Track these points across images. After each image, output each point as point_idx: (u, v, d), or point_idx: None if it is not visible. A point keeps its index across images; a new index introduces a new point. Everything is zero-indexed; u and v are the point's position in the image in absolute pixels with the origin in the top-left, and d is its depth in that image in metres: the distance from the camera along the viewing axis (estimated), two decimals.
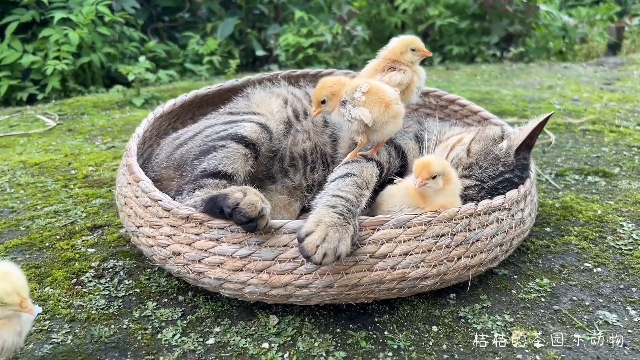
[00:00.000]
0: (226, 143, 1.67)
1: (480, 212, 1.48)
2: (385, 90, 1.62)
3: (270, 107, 1.93)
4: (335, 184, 1.51)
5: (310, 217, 1.36)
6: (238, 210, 1.33)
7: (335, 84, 1.68)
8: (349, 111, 1.59)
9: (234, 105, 2.04)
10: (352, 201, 1.43)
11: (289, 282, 1.36)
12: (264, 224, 1.35)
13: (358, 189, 1.49)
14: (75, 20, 4.35)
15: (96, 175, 2.51)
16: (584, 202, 2.11)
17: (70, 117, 3.63)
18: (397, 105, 1.62)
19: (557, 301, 1.55)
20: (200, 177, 1.61)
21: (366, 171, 1.58)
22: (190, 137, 1.80)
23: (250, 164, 1.69)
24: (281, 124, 1.89)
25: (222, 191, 1.43)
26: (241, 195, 1.36)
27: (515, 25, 5.96)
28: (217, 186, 1.58)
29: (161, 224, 1.49)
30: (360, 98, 1.59)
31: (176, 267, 1.47)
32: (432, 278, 1.43)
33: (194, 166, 1.65)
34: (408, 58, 1.83)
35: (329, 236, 1.29)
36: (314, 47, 4.89)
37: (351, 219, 1.36)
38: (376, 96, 1.59)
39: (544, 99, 3.76)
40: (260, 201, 1.35)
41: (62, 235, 1.94)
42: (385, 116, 1.59)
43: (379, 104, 1.58)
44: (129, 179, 1.63)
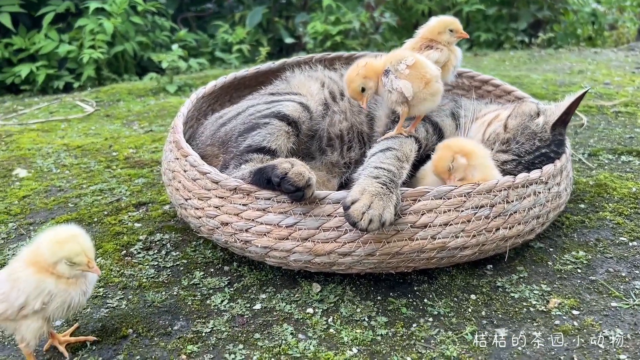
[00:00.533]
0: (269, 120, 1.74)
1: (518, 185, 1.52)
2: (428, 67, 1.66)
3: (309, 89, 1.99)
4: (377, 157, 1.56)
5: (354, 187, 1.41)
6: (286, 180, 1.39)
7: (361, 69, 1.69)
8: (391, 81, 1.64)
9: (274, 87, 2.10)
10: (394, 172, 1.47)
11: (333, 250, 1.42)
12: (310, 194, 1.40)
13: (398, 161, 1.54)
14: (109, 10, 4.46)
15: (136, 156, 2.60)
16: (618, 180, 2.12)
17: (106, 104, 3.73)
18: (437, 83, 1.65)
19: (593, 272, 1.58)
20: (246, 152, 1.67)
21: (405, 146, 1.63)
22: (233, 116, 1.87)
23: (292, 141, 1.75)
24: (320, 105, 1.94)
25: (270, 162, 1.50)
26: (289, 166, 1.41)
27: (544, 11, 5.90)
28: (262, 161, 1.64)
29: (210, 196, 1.55)
30: (404, 71, 1.63)
31: (224, 236, 1.54)
32: (471, 248, 1.47)
33: (238, 142, 1.72)
34: (445, 38, 1.86)
35: (374, 204, 1.34)
36: (341, 35, 4.93)
37: (394, 189, 1.41)
38: (419, 72, 1.63)
39: (575, 83, 3.74)
40: (307, 171, 1.40)
41: (109, 212, 2.03)
42: (424, 93, 1.63)
43: (419, 80, 1.62)
44: (177, 154, 1.71)
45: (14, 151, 2.70)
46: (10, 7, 4.52)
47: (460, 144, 1.61)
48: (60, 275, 1.22)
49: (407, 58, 1.65)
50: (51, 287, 1.22)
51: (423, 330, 1.37)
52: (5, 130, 3.06)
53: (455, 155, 1.55)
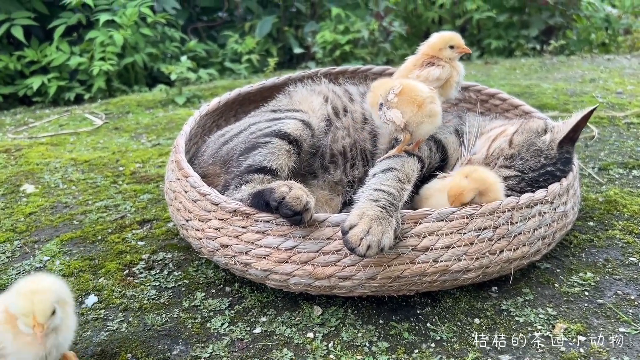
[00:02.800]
0: (270, 139, 1.73)
1: (522, 205, 1.49)
2: (418, 90, 1.62)
3: (311, 105, 1.97)
4: (377, 179, 1.54)
5: (353, 211, 1.40)
6: (284, 204, 1.37)
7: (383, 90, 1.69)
8: (384, 113, 1.63)
9: (276, 103, 2.09)
10: (394, 195, 1.45)
11: (333, 274, 1.40)
12: (308, 217, 1.39)
13: (400, 183, 1.52)
14: (119, 22, 4.49)
15: (143, 171, 2.60)
16: (628, 196, 2.07)
17: (115, 116, 3.75)
18: (432, 104, 1.61)
19: (601, 295, 1.54)
20: (246, 173, 1.66)
21: (407, 166, 1.61)
22: (235, 135, 1.86)
23: (293, 160, 1.74)
24: (322, 121, 1.92)
25: (268, 186, 1.48)
26: (287, 190, 1.40)
27: (556, 18, 5.83)
28: (262, 181, 1.63)
29: (209, 218, 1.55)
30: (393, 100, 1.61)
31: (224, 258, 1.53)
32: (474, 271, 1.45)
33: (239, 162, 1.71)
34: (447, 54, 1.85)
35: (373, 229, 1.32)
36: (350, 44, 4.91)
37: (393, 212, 1.39)
38: (408, 96, 1.60)
39: (586, 92, 3.68)
40: (305, 195, 1.39)
41: (114, 229, 2.03)
42: (419, 116, 1.60)
43: (411, 104, 1.59)
44: (178, 175, 1.70)
45: (22, 166, 2.72)
46: (23, 20, 4.57)
47: (482, 177, 1.53)
48: (20, 331, 1.11)
49: (394, 87, 1.63)
50: (8, 342, 1.11)
51: (425, 356, 1.34)
52: (15, 145, 3.08)
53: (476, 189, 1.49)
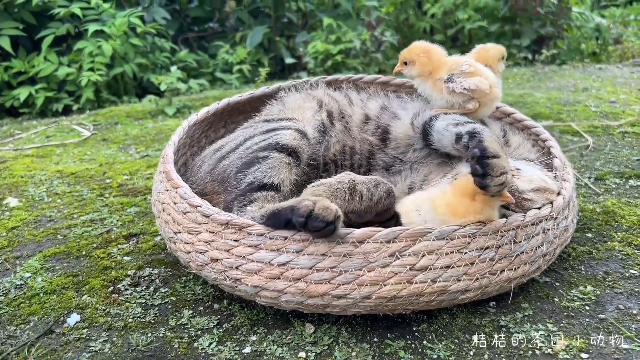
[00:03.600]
0: (269, 154, 1.67)
1: (527, 224, 1.44)
2: (486, 71, 1.69)
3: (304, 114, 1.92)
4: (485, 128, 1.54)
5: (487, 142, 1.37)
6: (314, 217, 1.31)
7: (423, 52, 1.75)
8: (460, 84, 1.63)
9: (268, 111, 2.03)
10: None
11: (327, 292, 1.34)
12: (339, 225, 1.34)
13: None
14: (108, 32, 4.44)
15: (130, 184, 2.54)
16: (626, 206, 2.04)
17: (104, 127, 3.69)
18: (497, 88, 1.68)
19: (602, 309, 1.49)
20: (249, 191, 1.60)
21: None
22: (231, 150, 1.79)
23: (294, 172, 1.69)
24: (316, 131, 1.87)
25: (283, 205, 1.42)
26: (311, 203, 1.35)
27: (547, 28, 5.84)
28: (267, 198, 1.57)
29: (200, 230, 1.49)
30: (470, 69, 1.65)
31: (213, 273, 1.47)
32: (473, 291, 1.40)
33: (238, 180, 1.65)
34: (501, 67, 1.86)
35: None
36: (342, 54, 4.89)
37: None
38: (482, 75, 1.65)
39: (580, 101, 3.67)
40: (332, 204, 1.34)
41: (99, 244, 1.97)
42: (487, 98, 1.66)
43: (485, 80, 1.65)
44: (167, 186, 1.64)
45: (6, 179, 2.65)
46: (10, 31, 4.51)
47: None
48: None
49: (465, 62, 1.69)
50: None
51: None
52: (0, 157, 3.01)
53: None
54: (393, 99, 2.02)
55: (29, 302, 1.64)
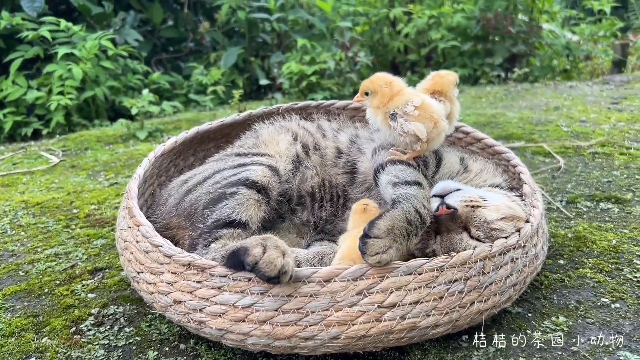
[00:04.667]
0: (237, 190, 1.62)
1: (494, 254, 1.42)
2: (434, 106, 1.69)
3: (278, 147, 1.88)
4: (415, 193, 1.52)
5: (384, 218, 1.38)
6: (257, 269, 1.28)
7: (385, 84, 1.75)
8: (400, 125, 1.64)
9: (242, 143, 1.99)
10: (424, 218, 1.48)
11: (294, 334, 1.30)
12: (287, 279, 1.29)
13: (424, 207, 1.50)
14: (78, 55, 4.37)
15: (98, 214, 2.48)
16: (597, 231, 2.04)
17: (73, 153, 3.61)
18: (443, 121, 1.69)
19: (574, 342, 1.47)
20: (214, 228, 1.55)
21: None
22: (198, 183, 1.75)
23: (263, 210, 1.65)
24: (289, 164, 1.84)
25: (241, 244, 1.37)
26: (260, 252, 1.30)
27: (519, 46, 5.94)
28: (233, 236, 1.53)
29: (162, 271, 1.44)
30: (414, 112, 1.64)
31: (177, 315, 1.42)
32: (443, 326, 1.37)
33: (205, 216, 1.60)
34: (456, 93, 1.88)
35: (392, 249, 1.34)
36: (317, 75, 4.88)
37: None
38: (427, 112, 1.65)
39: (551, 121, 3.71)
40: (281, 257, 1.29)
41: (62, 280, 1.90)
42: (434, 132, 1.66)
43: (429, 120, 1.64)
44: (129, 223, 1.59)
45: None
46: None
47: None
48: None
49: (414, 99, 1.67)
50: None
51: None
52: None
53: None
54: (361, 130, 2.01)
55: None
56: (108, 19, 5.12)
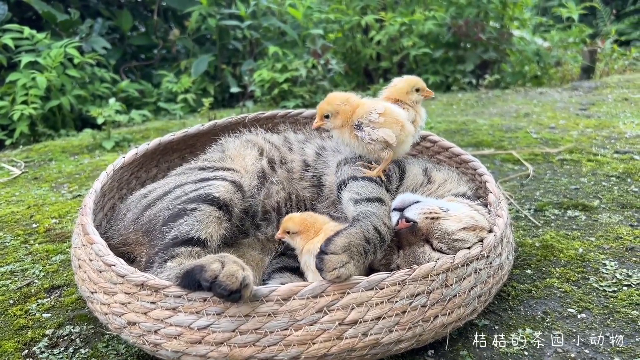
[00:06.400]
0: (197, 206, 1.57)
1: (457, 265, 1.40)
2: (397, 111, 1.71)
3: (244, 162, 1.84)
4: (375, 210, 1.50)
5: (340, 236, 1.36)
6: (217, 284, 1.22)
7: (343, 102, 1.73)
8: (368, 134, 1.64)
9: (207, 157, 1.94)
10: (383, 236, 1.46)
11: (252, 355, 1.25)
12: (248, 293, 1.24)
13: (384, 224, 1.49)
14: (43, 63, 4.26)
15: (59, 228, 2.40)
16: (564, 239, 2.04)
17: (37, 164, 3.51)
18: (409, 124, 1.72)
19: (541, 354, 1.45)
20: (172, 246, 1.49)
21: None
22: (158, 197, 1.69)
23: (224, 227, 1.59)
24: (255, 179, 1.80)
25: (197, 262, 1.32)
26: (219, 267, 1.25)
27: (490, 53, 5.99)
28: (191, 254, 1.47)
29: (115, 291, 1.38)
30: (378, 120, 1.66)
31: (132, 337, 1.36)
32: (407, 341, 1.34)
33: (163, 233, 1.54)
34: (414, 98, 1.85)
35: (350, 265, 1.31)
36: (289, 82, 4.85)
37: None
38: (392, 117, 1.68)
39: (521, 127, 3.73)
40: (241, 270, 1.25)
41: (16, 300, 1.82)
42: (402, 135, 1.68)
43: (395, 124, 1.67)
44: (83, 240, 1.53)
45: None
46: None
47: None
48: None
49: (376, 107, 1.68)
50: None
51: None
52: None
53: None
54: (327, 140, 1.98)
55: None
56: (74, 26, 5.01)
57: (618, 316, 1.59)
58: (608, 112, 4.18)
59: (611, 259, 1.89)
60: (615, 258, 1.90)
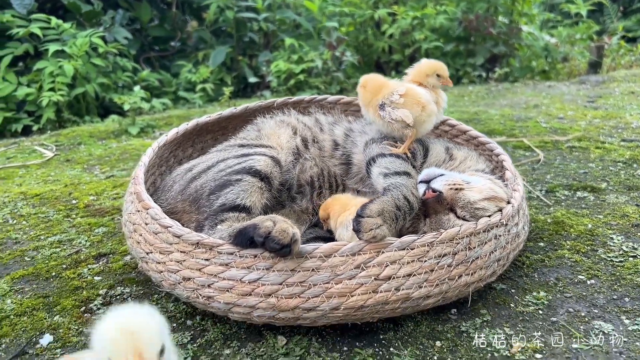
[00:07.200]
0: (242, 177, 1.73)
1: (479, 230, 1.55)
2: (419, 92, 1.83)
3: (279, 140, 2.00)
4: (404, 182, 1.66)
5: (375, 202, 1.50)
6: (271, 239, 1.38)
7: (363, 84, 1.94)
8: (388, 113, 1.79)
9: (244, 136, 2.10)
10: (413, 205, 1.62)
11: (297, 306, 1.41)
12: (297, 248, 1.40)
13: (413, 195, 1.64)
14: (69, 52, 4.42)
15: (97, 204, 2.55)
16: (574, 217, 2.18)
17: (67, 148, 3.67)
18: (431, 105, 1.84)
19: (554, 313, 1.60)
20: (220, 212, 1.65)
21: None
22: (203, 171, 1.85)
23: (265, 197, 1.76)
24: (290, 156, 1.96)
25: (250, 222, 1.48)
26: (271, 224, 1.41)
27: (500, 47, 6.12)
28: (238, 219, 1.63)
29: (171, 250, 1.53)
30: (399, 101, 1.79)
31: (186, 292, 1.51)
32: (434, 297, 1.49)
33: (211, 201, 1.70)
34: (432, 82, 1.97)
35: (383, 227, 1.44)
36: (304, 73, 4.99)
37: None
38: (413, 98, 1.80)
39: (531, 117, 3.87)
40: (291, 227, 1.40)
41: (68, 265, 1.98)
42: (423, 116, 1.81)
43: (416, 105, 1.80)
44: (138, 207, 1.68)
45: None
46: None
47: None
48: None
49: (398, 89, 1.82)
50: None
51: None
52: None
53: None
54: (354, 123, 2.13)
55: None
56: (97, 17, 5.17)
57: (624, 282, 1.74)
58: (615, 104, 4.31)
59: (618, 234, 2.03)
60: (622, 233, 2.04)
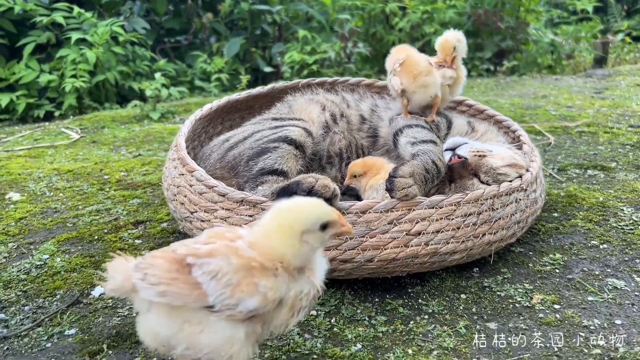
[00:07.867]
0: (278, 145, 1.86)
1: (502, 193, 1.67)
2: (418, 63, 1.95)
3: (310, 115, 2.13)
4: (433, 149, 1.79)
5: (407, 165, 1.64)
6: (314, 192, 1.50)
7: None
8: (389, 79, 1.97)
9: (277, 111, 2.23)
10: (440, 169, 1.75)
11: (335, 257, 1.52)
12: (337, 203, 1.53)
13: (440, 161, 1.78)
14: (90, 40, 4.54)
15: (129, 179, 2.67)
16: (586, 191, 2.30)
17: (91, 131, 3.79)
18: (426, 77, 1.94)
19: (570, 272, 1.72)
20: (260, 175, 1.78)
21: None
22: (239, 141, 1.98)
23: (300, 164, 1.88)
24: (320, 129, 2.09)
25: (292, 180, 1.61)
26: (313, 180, 1.54)
27: (507, 41, 6.23)
28: (277, 181, 1.75)
29: (216, 208, 1.65)
30: (397, 69, 1.95)
31: None
32: (459, 253, 1.61)
33: (250, 166, 1.83)
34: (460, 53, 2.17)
35: (414, 186, 1.56)
36: (317, 64, 5.12)
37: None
38: (407, 68, 1.94)
39: (540, 106, 3.98)
40: (331, 183, 1.53)
41: (109, 230, 2.10)
42: (413, 86, 1.93)
43: (408, 75, 1.93)
44: (182, 170, 1.80)
45: (4, 176, 2.74)
46: None
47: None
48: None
49: (400, 58, 1.96)
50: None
51: (420, 326, 1.48)
52: None
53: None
54: (378, 100, 2.26)
55: (52, 279, 1.77)
56: (116, 7, 5.30)
57: (635, 247, 1.86)
58: (621, 95, 4.42)
59: (628, 206, 2.15)
60: (632, 205, 2.16)
